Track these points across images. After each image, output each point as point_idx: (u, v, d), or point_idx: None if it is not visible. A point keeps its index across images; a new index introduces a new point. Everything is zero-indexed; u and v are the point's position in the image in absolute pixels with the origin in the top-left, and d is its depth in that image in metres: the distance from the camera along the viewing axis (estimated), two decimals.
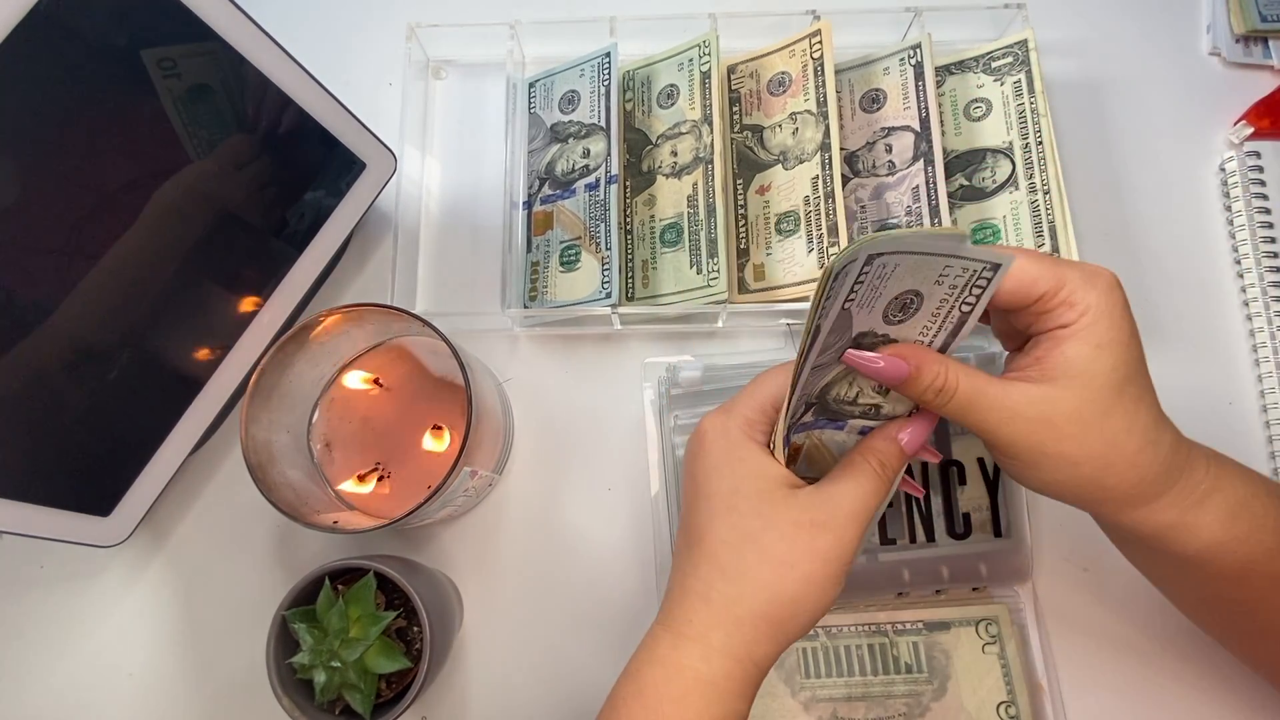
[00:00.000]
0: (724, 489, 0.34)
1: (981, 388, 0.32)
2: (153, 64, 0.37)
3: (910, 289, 0.31)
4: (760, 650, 0.33)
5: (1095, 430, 0.31)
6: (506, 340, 0.54)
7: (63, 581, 0.51)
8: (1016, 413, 0.31)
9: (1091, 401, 0.31)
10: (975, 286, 0.31)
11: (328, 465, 0.49)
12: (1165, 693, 0.47)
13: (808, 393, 0.34)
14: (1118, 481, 0.32)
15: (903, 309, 0.32)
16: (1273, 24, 0.56)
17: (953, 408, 0.33)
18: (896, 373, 0.33)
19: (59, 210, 0.37)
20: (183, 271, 0.43)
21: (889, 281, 0.31)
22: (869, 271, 0.29)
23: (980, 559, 0.48)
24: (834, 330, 0.32)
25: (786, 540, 0.33)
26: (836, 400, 0.36)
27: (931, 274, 0.31)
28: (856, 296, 0.31)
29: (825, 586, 0.33)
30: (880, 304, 0.32)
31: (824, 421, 0.37)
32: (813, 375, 0.33)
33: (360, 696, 0.41)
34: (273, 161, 0.45)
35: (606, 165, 0.51)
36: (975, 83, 0.53)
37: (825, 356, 0.33)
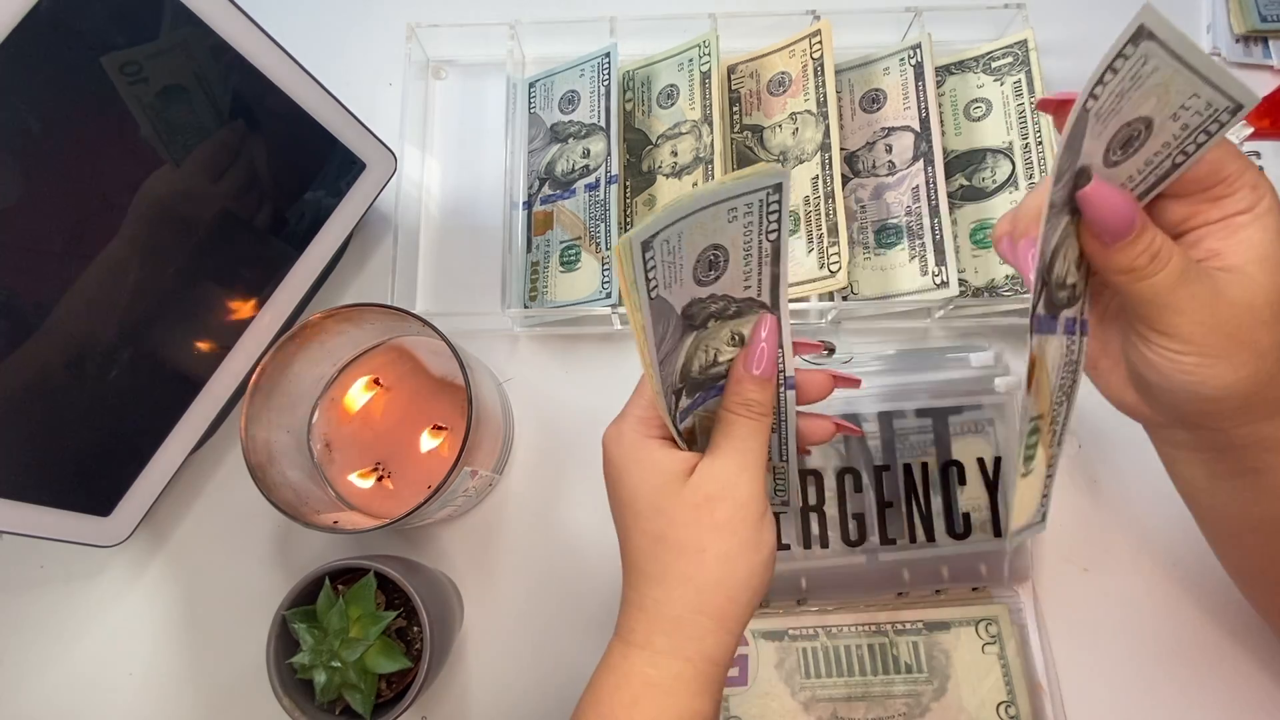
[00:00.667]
0: (627, 496, 0.34)
1: (1190, 263, 0.29)
2: (127, 69, 0.37)
3: (1145, 115, 0.28)
4: (708, 643, 0.33)
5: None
6: (506, 340, 0.54)
7: (63, 581, 0.51)
8: (1220, 294, 0.29)
9: (1278, 289, 0.29)
10: (1204, 132, 0.28)
11: (328, 465, 0.49)
12: (1165, 693, 0.47)
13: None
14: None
15: (1126, 144, 0.28)
16: (1273, 24, 0.56)
17: (1161, 279, 0.29)
18: (1124, 215, 0.29)
19: (58, 210, 0.37)
20: (182, 271, 0.43)
21: (1135, 92, 0.26)
22: (1128, 59, 0.25)
23: (980, 559, 0.48)
24: (1068, 145, 0.27)
25: (689, 527, 0.32)
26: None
27: (1176, 100, 0.27)
28: (1101, 95, 0.26)
29: (744, 554, 0.33)
30: (1112, 125, 0.27)
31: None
32: (1050, 225, 0.28)
33: (360, 696, 0.41)
34: (272, 162, 0.45)
35: (606, 165, 0.51)
36: (975, 83, 0.53)
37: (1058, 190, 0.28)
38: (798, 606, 0.48)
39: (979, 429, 0.49)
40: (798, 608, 0.48)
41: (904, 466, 0.49)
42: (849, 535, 0.48)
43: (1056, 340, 0.32)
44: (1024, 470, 0.33)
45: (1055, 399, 0.34)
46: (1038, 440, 0.33)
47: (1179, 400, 0.32)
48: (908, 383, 0.50)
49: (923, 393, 0.49)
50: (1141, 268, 0.29)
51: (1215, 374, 0.30)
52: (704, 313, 0.33)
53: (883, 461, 0.49)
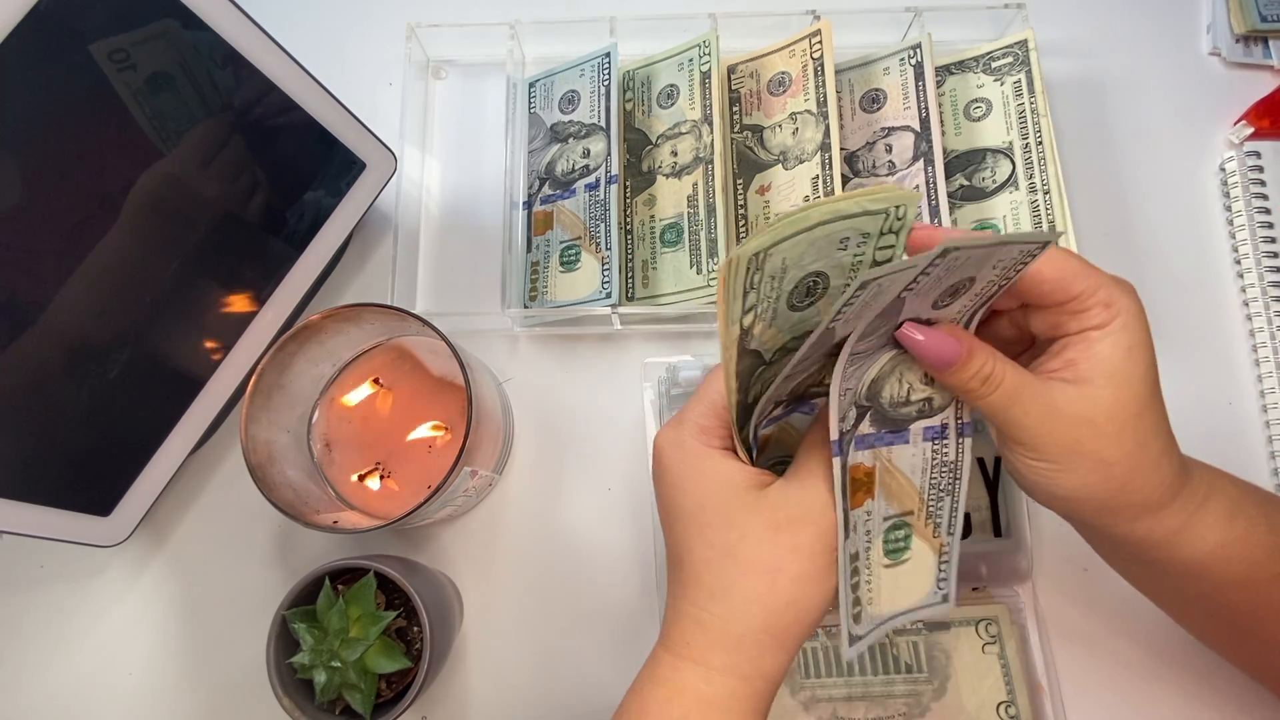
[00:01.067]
0: (691, 505, 0.33)
1: (1026, 381, 0.31)
2: (119, 63, 0.37)
3: (968, 276, 0.30)
4: (766, 663, 0.32)
5: (1130, 430, 0.31)
6: (506, 340, 0.54)
7: (63, 581, 0.51)
8: (1058, 409, 0.31)
9: (1128, 402, 0.31)
10: (1020, 264, 0.30)
11: (328, 465, 0.49)
12: (1165, 692, 0.47)
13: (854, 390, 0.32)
14: (1141, 484, 0.32)
15: (953, 293, 0.31)
16: (1273, 24, 0.56)
17: (996, 399, 0.31)
18: (947, 353, 0.31)
19: (58, 210, 0.37)
20: (182, 271, 0.43)
21: (953, 273, 0.29)
22: (939, 264, 0.28)
23: (980, 559, 0.48)
24: (884, 314, 0.29)
25: (766, 545, 0.32)
26: (891, 403, 0.33)
27: (990, 259, 0.29)
28: (917, 286, 0.29)
29: (819, 581, 0.32)
30: (935, 292, 0.30)
31: (887, 434, 0.34)
32: (851, 367, 0.31)
33: (360, 696, 0.41)
34: (272, 161, 0.45)
35: (606, 165, 0.51)
36: (975, 83, 0.53)
37: (866, 343, 0.31)
38: None
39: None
40: None
41: None
42: None
43: (909, 449, 0.35)
44: (888, 562, 0.35)
45: (930, 497, 0.35)
46: (909, 534, 0.35)
47: (1045, 499, 0.34)
48: None
49: None
50: (975, 390, 0.31)
51: (1063, 480, 0.32)
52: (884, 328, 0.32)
53: None
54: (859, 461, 0.33)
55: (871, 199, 0.28)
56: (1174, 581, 0.36)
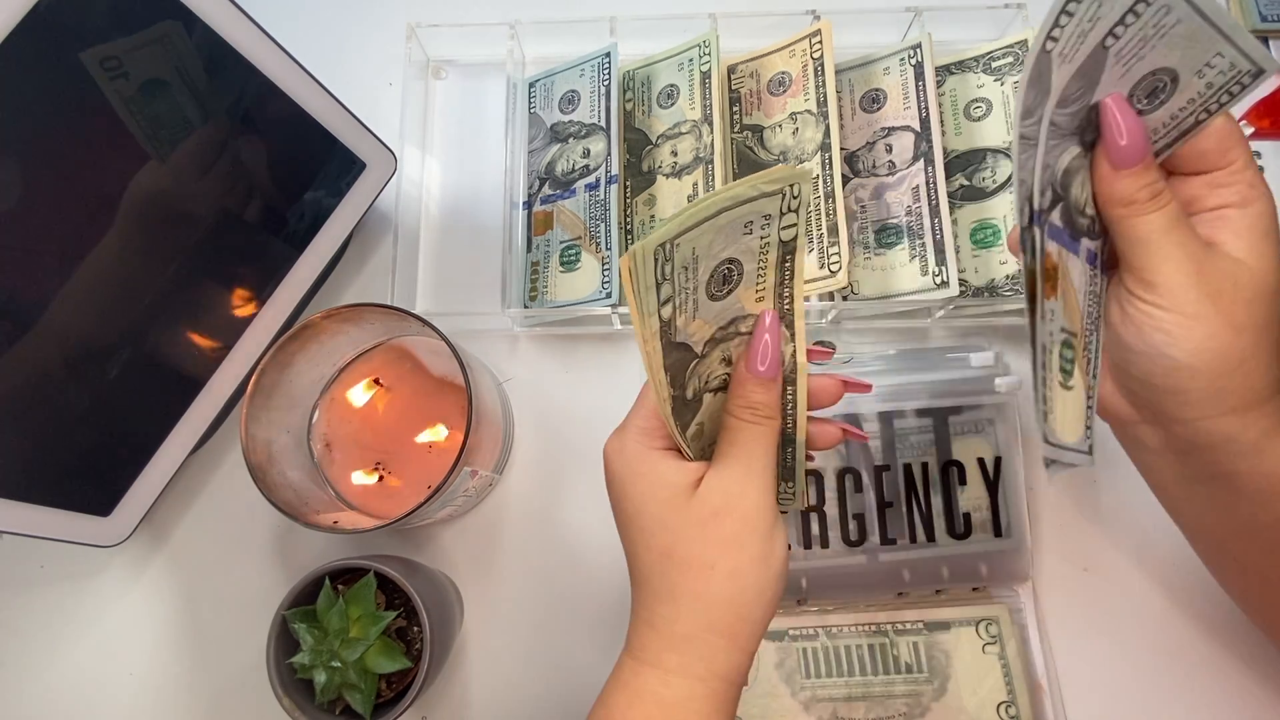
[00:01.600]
0: (632, 510, 0.33)
1: (1185, 217, 0.30)
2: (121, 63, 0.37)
3: (1170, 67, 0.28)
4: (720, 662, 0.32)
5: (1263, 304, 0.30)
6: (506, 340, 0.54)
7: (63, 581, 0.51)
8: (1208, 256, 0.30)
9: (1266, 276, 0.30)
10: (1227, 93, 0.29)
11: (328, 465, 0.49)
12: (1165, 692, 0.47)
13: (1050, 169, 0.30)
14: (1257, 365, 0.31)
15: (1150, 94, 0.29)
16: (1273, 24, 0.56)
17: (1157, 219, 0.30)
18: (1138, 144, 0.29)
19: (57, 210, 0.37)
20: (182, 271, 0.43)
21: (1159, 40, 0.27)
22: (1150, 5, 0.26)
23: (980, 559, 0.48)
24: (1080, 75, 0.28)
25: (697, 543, 0.32)
26: (1076, 206, 0.31)
27: (1201, 57, 0.28)
28: (1122, 36, 0.26)
29: (754, 570, 0.32)
30: (1137, 71, 0.28)
31: (1067, 235, 0.32)
32: (1051, 142, 0.29)
33: (360, 696, 0.41)
34: (272, 161, 0.45)
35: (606, 165, 0.51)
36: (975, 83, 0.53)
37: (1064, 114, 0.29)
38: (798, 606, 0.48)
39: (979, 429, 0.49)
40: (798, 608, 0.48)
41: (904, 466, 0.49)
42: (849, 535, 0.48)
43: (1078, 264, 0.33)
44: (1064, 382, 0.33)
45: (1085, 325, 0.34)
46: (1074, 358, 0.33)
47: (1151, 372, 0.32)
48: (908, 383, 0.50)
49: (923, 393, 0.49)
50: (1142, 201, 0.30)
51: (1189, 336, 0.30)
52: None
53: (883, 461, 0.49)
54: (1049, 250, 0.31)
55: (765, 180, 0.28)
56: (1243, 504, 0.34)
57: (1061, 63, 0.27)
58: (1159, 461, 0.36)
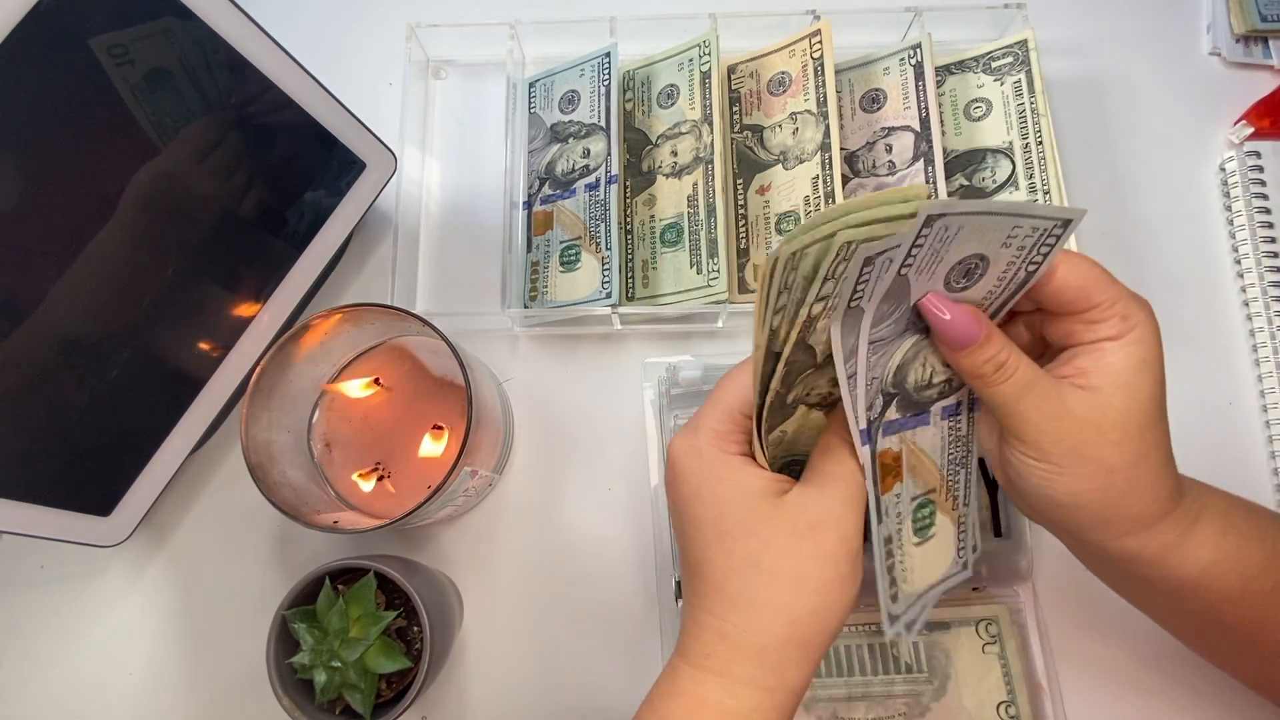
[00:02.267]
0: (710, 515, 0.33)
1: (1039, 376, 0.31)
2: (121, 60, 0.37)
3: (975, 253, 0.29)
4: (791, 675, 0.32)
5: (1135, 440, 0.31)
6: (506, 340, 0.54)
7: (63, 581, 0.51)
8: (1067, 408, 0.31)
9: (1135, 412, 0.31)
10: (1044, 246, 0.30)
11: (328, 465, 0.49)
12: (1165, 692, 0.47)
13: (880, 379, 0.32)
14: (1138, 497, 0.32)
15: (966, 275, 0.30)
16: (1273, 24, 0.56)
17: (1008, 388, 0.31)
18: (967, 330, 0.30)
19: (57, 209, 0.37)
20: (182, 271, 0.43)
21: (951, 245, 0.29)
22: (928, 234, 0.27)
23: (980, 559, 0.48)
24: (889, 298, 0.29)
25: (789, 554, 0.31)
26: (916, 387, 0.33)
27: (999, 236, 0.29)
28: (915, 261, 0.28)
29: (843, 587, 0.32)
30: (942, 270, 0.30)
31: (910, 419, 0.34)
32: (874, 355, 0.30)
33: (360, 696, 0.41)
34: (272, 161, 0.45)
35: (606, 165, 0.51)
36: (975, 83, 0.53)
37: (883, 330, 0.30)
38: None
39: None
40: None
41: None
42: None
43: (930, 429, 0.35)
44: (917, 540, 0.35)
45: (948, 471, 0.36)
46: (933, 510, 0.36)
47: (1041, 506, 0.33)
48: None
49: None
50: (988, 375, 0.31)
51: (1063, 483, 0.31)
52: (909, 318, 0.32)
53: None
54: (887, 447, 0.33)
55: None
56: (1168, 598, 0.36)
57: (866, 302, 0.29)
58: (1086, 560, 0.37)
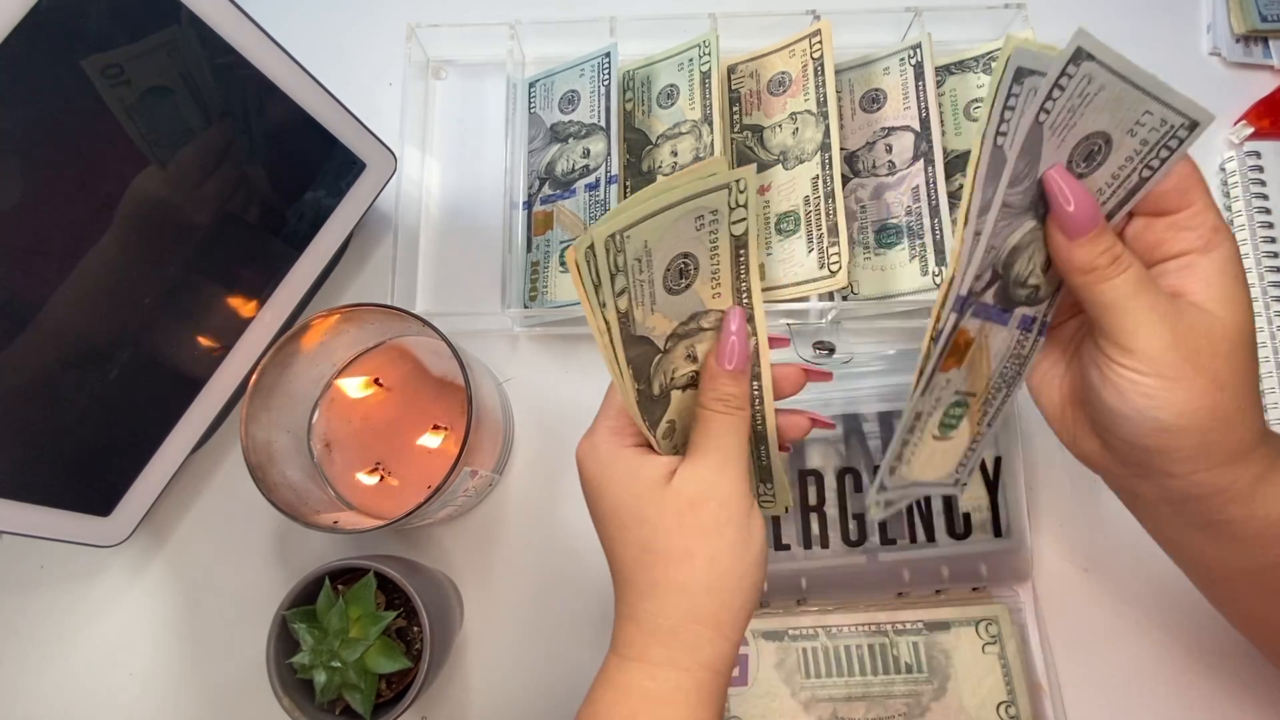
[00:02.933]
0: (608, 509, 0.33)
1: (1150, 278, 0.30)
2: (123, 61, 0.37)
3: (1102, 130, 0.29)
4: (705, 652, 0.32)
5: (1242, 355, 0.30)
6: (506, 340, 0.54)
7: (63, 581, 0.51)
8: (1181, 313, 0.29)
9: (1241, 326, 0.30)
10: (1165, 148, 0.29)
11: (328, 465, 0.49)
12: (1165, 693, 0.47)
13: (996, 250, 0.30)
14: (1241, 420, 0.30)
15: (1088, 158, 0.29)
16: (1273, 24, 0.56)
17: (1122, 283, 0.29)
18: (1089, 211, 0.29)
19: (57, 210, 0.37)
20: (182, 272, 0.43)
21: (1087, 108, 0.28)
22: (1072, 78, 0.27)
23: (980, 559, 0.48)
24: (1024, 152, 0.28)
25: (675, 533, 0.32)
26: (1017, 280, 0.32)
27: (1129, 116, 0.28)
28: (1053, 110, 0.27)
29: (734, 555, 0.32)
30: (1071, 139, 0.29)
31: (998, 310, 0.33)
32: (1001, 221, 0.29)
33: (360, 696, 0.41)
34: (272, 161, 0.45)
35: (606, 165, 0.51)
36: (975, 83, 0.53)
37: (1015, 195, 0.29)
38: (798, 606, 0.48)
39: None
40: (798, 608, 0.48)
41: None
42: (849, 535, 0.48)
43: (1005, 332, 0.34)
44: (938, 434, 0.35)
45: (994, 384, 0.35)
46: (963, 414, 0.35)
47: (1138, 433, 0.31)
48: (908, 383, 0.49)
49: None
50: (1103, 267, 0.30)
51: (1173, 399, 0.30)
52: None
53: None
54: (966, 327, 0.32)
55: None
56: (1241, 548, 0.34)
57: (1009, 147, 0.28)
58: (1153, 511, 0.36)
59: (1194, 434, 0.30)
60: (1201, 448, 0.31)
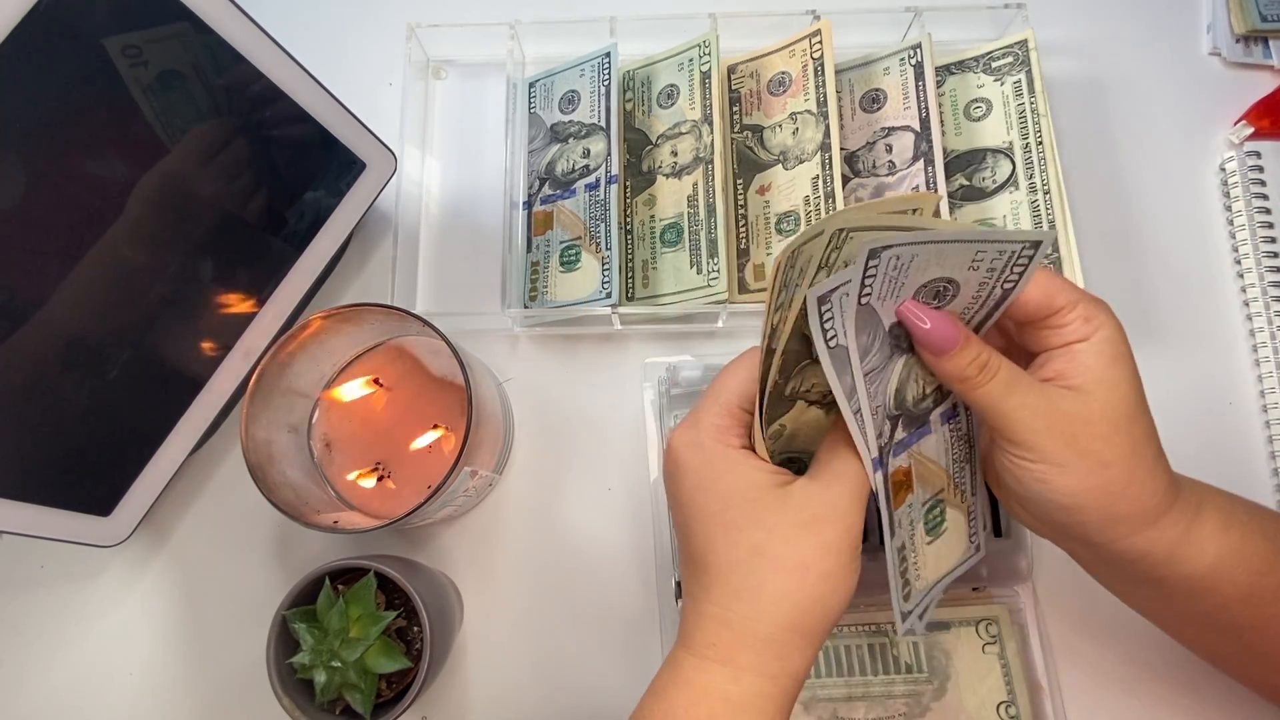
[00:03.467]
0: (715, 506, 0.33)
1: (1022, 374, 0.31)
2: (126, 60, 0.37)
3: (941, 277, 0.30)
4: (794, 662, 0.32)
5: (1124, 432, 0.31)
6: (506, 340, 0.54)
7: (63, 581, 0.51)
8: (1055, 404, 0.31)
9: (1118, 405, 0.31)
10: (1016, 266, 0.30)
11: (328, 465, 0.49)
12: (1165, 693, 0.47)
13: (883, 405, 0.32)
14: (1138, 491, 0.32)
15: (936, 296, 0.31)
16: (1273, 24, 0.56)
17: (993, 387, 0.31)
18: (946, 334, 0.31)
19: (57, 209, 0.37)
20: (182, 271, 0.43)
21: (910, 271, 0.29)
22: (877, 266, 0.28)
23: (980, 559, 0.48)
24: (862, 330, 0.30)
25: (794, 544, 0.32)
26: (915, 402, 0.34)
27: (962, 260, 0.29)
28: (873, 291, 0.29)
29: (845, 576, 0.33)
30: (907, 293, 0.30)
31: (915, 434, 0.35)
32: (871, 385, 0.31)
33: (360, 696, 0.41)
34: (272, 161, 0.45)
35: (606, 165, 0.51)
36: (975, 83, 0.53)
37: (872, 360, 0.31)
38: None
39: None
40: None
41: None
42: None
43: (934, 437, 0.36)
44: (929, 539, 0.36)
45: (955, 471, 0.37)
46: (943, 509, 0.37)
47: (1045, 511, 0.33)
48: None
49: None
50: (972, 377, 0.31)
51: (1062, 482, 0.31)
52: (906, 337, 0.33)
53: None
54: (897, 465, 0.34)
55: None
56: (1177, 601, 0.35)
57: (846, 340, 0.30)
58: (1093, 569, 0.37)
59: (1093, 510, 0.32)
60: (1108, 520, 0.32)
